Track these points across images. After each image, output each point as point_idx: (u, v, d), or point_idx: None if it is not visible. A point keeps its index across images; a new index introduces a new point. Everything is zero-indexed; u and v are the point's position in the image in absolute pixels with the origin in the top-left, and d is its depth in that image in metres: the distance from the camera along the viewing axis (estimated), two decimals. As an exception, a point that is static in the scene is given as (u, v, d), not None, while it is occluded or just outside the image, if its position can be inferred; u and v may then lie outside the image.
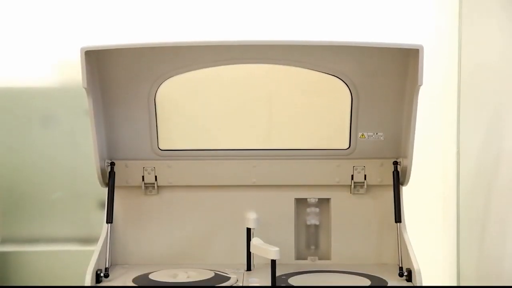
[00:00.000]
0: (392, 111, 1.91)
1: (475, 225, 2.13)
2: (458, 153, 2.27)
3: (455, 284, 2.27)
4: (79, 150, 2.33)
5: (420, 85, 1.75)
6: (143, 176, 1.97)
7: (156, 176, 1.97)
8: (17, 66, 2.33)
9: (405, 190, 1.92)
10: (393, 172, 1.91)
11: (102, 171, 1.89)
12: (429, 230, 2.33)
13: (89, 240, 2.30)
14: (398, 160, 1.92)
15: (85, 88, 1.77)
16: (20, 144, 2.33)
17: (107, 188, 1.90)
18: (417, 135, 1.84)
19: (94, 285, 1.76)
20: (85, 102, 1.81)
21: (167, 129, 1.96)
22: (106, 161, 1.93)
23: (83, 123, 2.24)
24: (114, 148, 1.95)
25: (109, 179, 1.91)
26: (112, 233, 1.90)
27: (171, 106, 1.95)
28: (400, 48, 1.79)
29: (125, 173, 1.96)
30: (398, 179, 1.90)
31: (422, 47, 1.73)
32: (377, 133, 1.94)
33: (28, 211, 2.33)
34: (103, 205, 1.93)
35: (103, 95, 1.89)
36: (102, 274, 1.79)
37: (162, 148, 1.96)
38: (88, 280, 1.72)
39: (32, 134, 2.33)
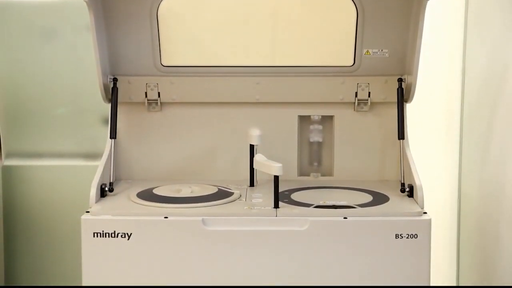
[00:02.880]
0: (398, 28, 1.88)
1: (478, 144, 2.14)
2: (463, 70, 2.26)
3: (456, 200, 2.29)
4: (81, 66, 2.31)
5: (428, 0, 1.72)
6: (146, 93, 1.96)
7: (159, 93, 1.96)
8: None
9: (408, 108, 1.91)
10: (398, 89, 1.90)
11: (105, 87, 1.89)
12: (432, 148, 2.33)
13: (93, 156, 2.31)
14: (402, 77, 1.91)
15: (86, 2, 1.74)
16: (22, 59, 2.32)
17: (110, 104, 1.90)
18: (422, 52, 1.82)
19: (99, 199, 1.78)
20: (87, 17, 1.79)
21: (169, 45, 1.94)
22: (109, 76, 1.92)
23: (85, 38, 2.22)
24: (117, 64, 1.94)
25: (112, 95, 1.90)
26: (116, 149, 1.91)
27: (174, 22, 1.92)
28: (408, -39, 1.76)
29: (128, 89, 1.95)
30: (402, 96, 1.89)
31: (430, -40, 1.70)
32: (382, 50, 1.92)
33: (31, 126, 2.33)
34: (106, 121, 1.94)
35: (105, 9, 1.86)
36: (106, 189, 1.81)
37: (164, 64, 1.95)
38: (93, 193, 1.74)
39: (33, 49, 2.31)
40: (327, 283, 1.65)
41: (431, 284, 1.67)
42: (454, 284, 2.31)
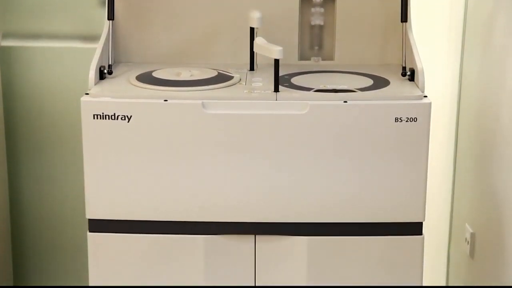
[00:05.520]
0: None
1: (481, 33, 2.11)
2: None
3: (456, 84, 2.29)
4: None
5: None
6: (143, -28, 1.92)
7: None
8: None
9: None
10: (402, -30, 1.85)
11: (101, -34, 1.84)
12: (435, 32, 2.30)
13: (91, 38, 2.27)
14: (408, -43, 1.86)
15: None
16: None
17: (106, -16, 1.86)
18: None
19: (98, 81, 1.77)
20: None
21: None
22: (105, -45, 1.87)
23: None
24: None
25: (109, -25, 1.86)
26: (114, 31, 1.89)
27: None
28: None
29: (125, -31, 1.91)
30: (407, -23, 1.85)
31: None
32: None
33: (28, 7, 2.29)
34: (104, 2, 1.90)
35: None
36: (105, 71, 1.80)
37: None
38: (92, 75, 1.73)
39: None
40: (326, 167, 1.67)
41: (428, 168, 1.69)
42: (452, 169, 2.35)
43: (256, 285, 1.74)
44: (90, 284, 1.74)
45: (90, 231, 1.72)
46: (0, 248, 2.27)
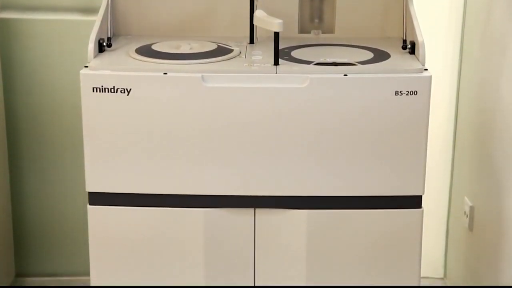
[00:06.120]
0: None
1: (482, 6, 2.10)
2: None
3: (457, 57, 2.28)
4: None
5: None
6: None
7: None
8: None
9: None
10: None
11: None
12: (436, 7, 2.29)
13: (90, 10, 2.26)
14: None
15: None
16: None
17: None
18: None
19: (97, 53, 1.76)
20: None
21: None
22: None
23: None
24: None
25: None
26: (113, 4, 1.88)
27: None
28: None
29: None
30: None
31: None
32: None
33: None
34: (103, -26, 1.88)
35: None
36: (104, 44, 1.79)
37: None
38: (91, 48, 1.72)
39: None
40: (325, 141, 1.67)
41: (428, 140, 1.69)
42: (451, 142, 2.35)
43: (256, 263, 1.75)
44: (91, 262, 1.75)
45: (90, 204, 1.73)
46: (1, 235, 2.28)
